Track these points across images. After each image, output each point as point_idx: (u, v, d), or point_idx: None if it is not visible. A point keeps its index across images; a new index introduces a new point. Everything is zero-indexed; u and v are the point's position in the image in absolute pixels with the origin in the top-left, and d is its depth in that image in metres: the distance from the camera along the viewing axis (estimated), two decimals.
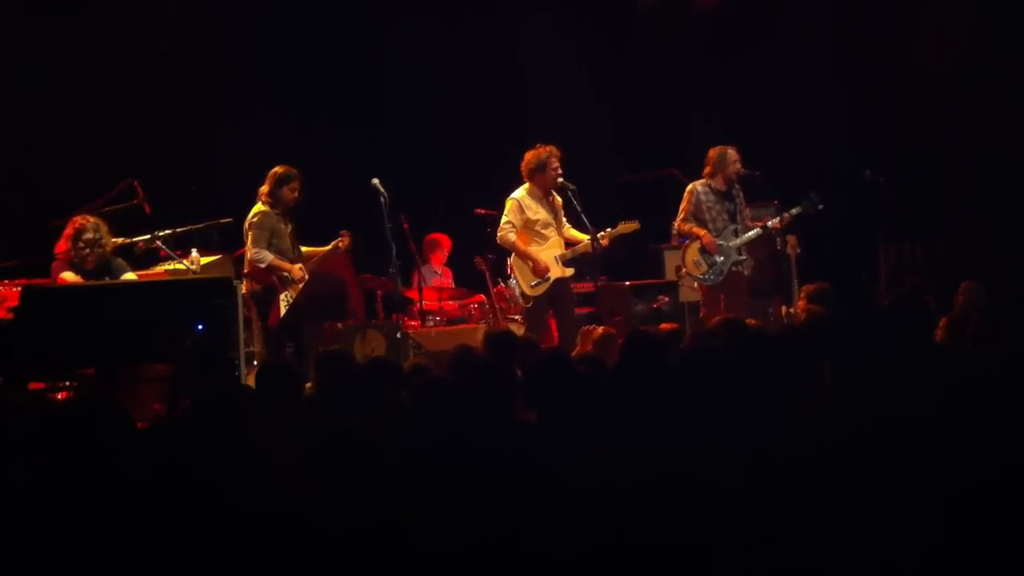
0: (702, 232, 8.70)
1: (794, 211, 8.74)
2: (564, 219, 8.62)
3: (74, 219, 7.55)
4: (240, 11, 10.31)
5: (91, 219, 7.54)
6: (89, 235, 7.43)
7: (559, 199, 8.59)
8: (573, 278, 8.71)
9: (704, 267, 8.71)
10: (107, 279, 7.47)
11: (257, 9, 10.37)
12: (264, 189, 8.12)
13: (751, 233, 8.78)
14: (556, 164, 8.43)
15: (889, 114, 10.65)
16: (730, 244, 8.71)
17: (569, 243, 8.61)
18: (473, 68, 11.24)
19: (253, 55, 10.40)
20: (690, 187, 8.85)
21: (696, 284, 9.00)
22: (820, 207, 8.71)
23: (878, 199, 9.41)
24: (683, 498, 2.22)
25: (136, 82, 9.94)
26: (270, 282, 8.03)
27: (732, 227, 8.74)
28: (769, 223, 8.81)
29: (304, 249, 8.32)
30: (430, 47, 11.06)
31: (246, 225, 8.11)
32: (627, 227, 8.59)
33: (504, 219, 8.57)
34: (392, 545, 2.68)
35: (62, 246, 7.51)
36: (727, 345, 4.73)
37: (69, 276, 7.45)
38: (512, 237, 8.52)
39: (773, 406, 3.65)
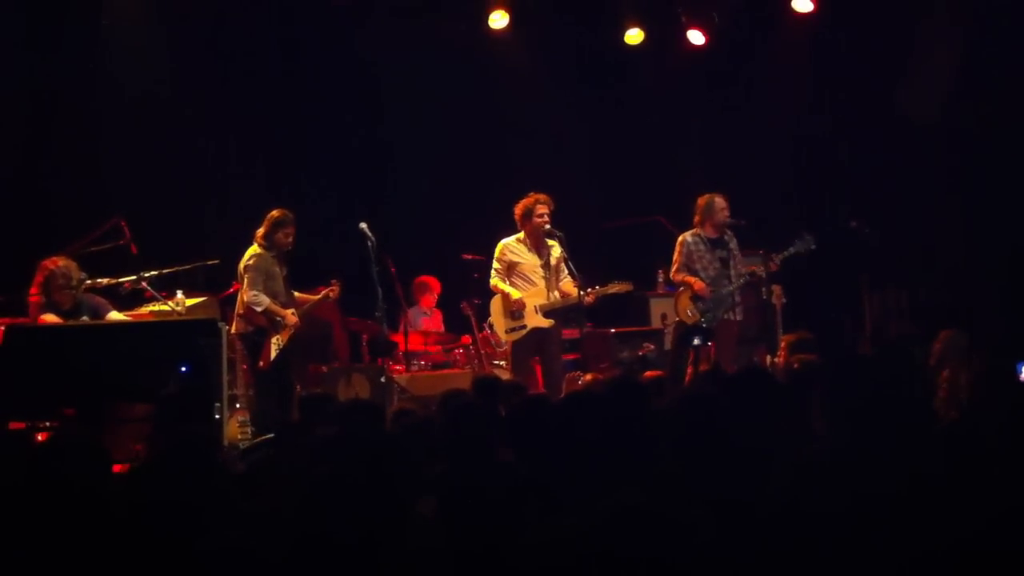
0: (693, 279, 8.71)
1: (790, 251, 8.72)
2: (563, 271, 8.51)
3: (44, 263, 7.55)
4: (230, 56, 10.36)
5: (60, 262, 7.55)
6: (60, 281, 7.44)
7: (556, 251, 8.51)
8: (560, 325, 8.67)
9: (696, 316, 8.68)
10: (85, 317, 7.46)
11: (247, 54, 10.42)
12: (260, 232, 8.12)
13: (744, 278, 8.78)
14: (542, 211, 8.44)
15: (875, 163, 10.73)
16: (723, 291, 8.71)
17: (563, 296, 8.57)
18: (459, 112, 11.30)
19: (241, 98, 10.44)
20: (680, 238, 8.85)
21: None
22: (813, 247, 8.73)
23: (863, 248, 9.45)
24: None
25: (124, 123, 9.95)
26: (262, 323, 8.01)
27: (725, 273, 8.75)
28: (757, 270, 8.80)
29: (295, 294, 8.31)
30: (418, 92, 11.12)
31: (241, 267, 8.11)
32: (619, 287, 8.52)
33: (493, 265, 8.59)
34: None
35: (35, 290, 7.50)
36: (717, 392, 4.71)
37: (49, 317, 7.44)
38: (496, 281, 8.55)
39: (758, 453, 3.64)
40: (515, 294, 8.43)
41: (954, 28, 10.03)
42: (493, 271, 8.58)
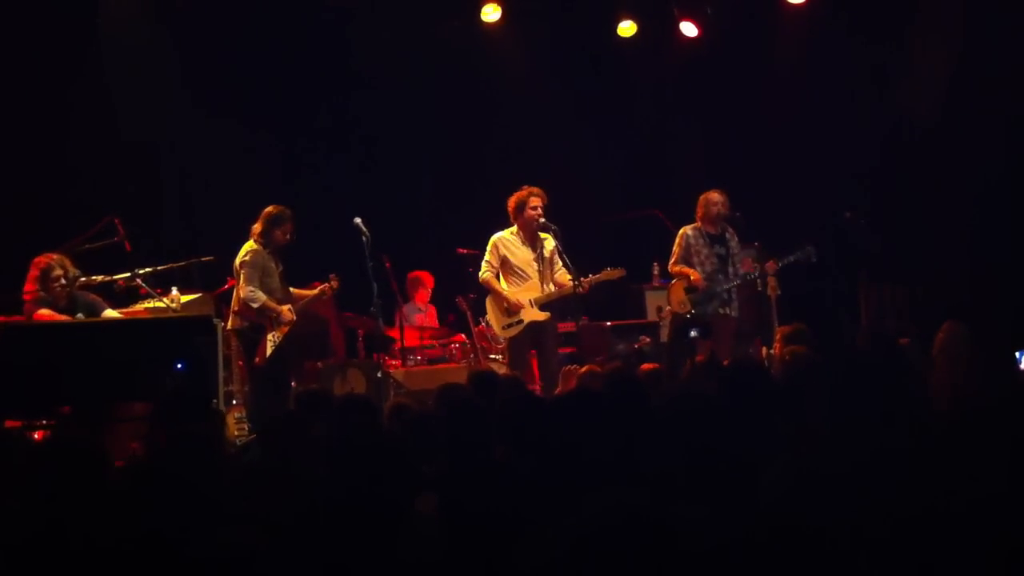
0: (689, 270, 8.73)
1: (789, 259, 8.75)
2: (557, 263, 8.53)
3: (37, 260, 7.50)
4: (227, 54, 10.33)
5: (54, 257, 7.51)
6: (57, 272, 7.40)
7: (549, 244, 8.52)
8: (556, 318, 8.67)
9: (688, 307, 8.70)
10: (80, 314, 7.43)
11: (240, 47, 10.39)
12: (256, 228, 8.10)
13: (740, 277, 8.80)
14: (535, 204, 8.44)
15: (873, 156, 10.71)
16: (717, 287, 8.72)
17: (558, 287, 8.57)
18: (455, 108, 11.28)
19: (237, 95, 10.40)
20: (681, 231, 8.91)
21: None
22: (814, 260, 8.77)
23: (858, 240, 9.45)
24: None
25: (120, 121, 9.92)
26: (258, 320, 7.99)
27: (722, 269, 8.76)
28: (756, 271, 8.82)
29: (292, 290, 8.29)
30: (413, 88, 11.10)
31: (237, 263, 8.08)
32: (612, 274, 8.52)
33: (484, 259, 8.60)
34: None
35: (30, 287, 7.47)
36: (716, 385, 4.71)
37: (46, 312, 7.40)
38: (486, 276, 8.55)
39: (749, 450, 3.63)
40: (514, 297, 8.43)
41: (953, 26, 10.02)
42: (484, 264, 8.58)
